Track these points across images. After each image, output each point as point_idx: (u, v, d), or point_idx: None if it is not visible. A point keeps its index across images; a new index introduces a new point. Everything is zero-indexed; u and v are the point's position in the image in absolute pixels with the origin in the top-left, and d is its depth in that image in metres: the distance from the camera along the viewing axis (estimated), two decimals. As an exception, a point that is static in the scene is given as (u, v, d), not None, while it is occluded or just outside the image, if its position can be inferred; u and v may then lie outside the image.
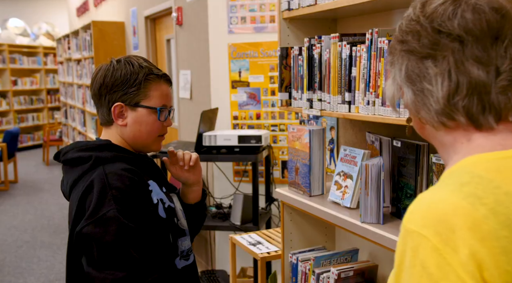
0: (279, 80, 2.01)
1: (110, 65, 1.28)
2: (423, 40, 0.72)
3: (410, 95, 0.75)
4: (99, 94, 1.29)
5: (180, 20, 3.89)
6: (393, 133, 1.80)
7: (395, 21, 1.81)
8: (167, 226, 1.29)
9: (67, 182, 1.30)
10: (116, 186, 1.18)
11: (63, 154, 1.32)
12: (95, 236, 1.16)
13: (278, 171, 3.36)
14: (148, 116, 1.28)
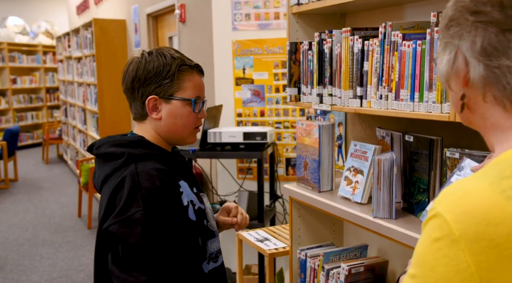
0: (288, 75, 2.00)
1: (141, 58, 1.25)
2: (507, 11, 0.67)
3: (481, 70, 0.70)
4: (132, 88, 1.26)
5: (183, 17, 3.88)
6: (403, 128, 1.80)
7: (405, 16, 1.80)
8: (197, 229, 1.26)
9: (99, 176, 1.28)
10: (146, 186, 1.16)
11: (96, 147, 1.29)
12: (120, 236, 1.14)
13: (282, 168, 3.36)
14: (183, 108, 1.26)
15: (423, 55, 1.38)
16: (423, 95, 1.39)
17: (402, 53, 1.45)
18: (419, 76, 1.40)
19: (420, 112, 1.40)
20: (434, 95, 1.35)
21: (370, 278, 1.83)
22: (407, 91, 1.44)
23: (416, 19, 1.69)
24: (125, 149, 1.23)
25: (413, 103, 1.43)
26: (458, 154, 1.42)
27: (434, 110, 1.35)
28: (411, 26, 1.51)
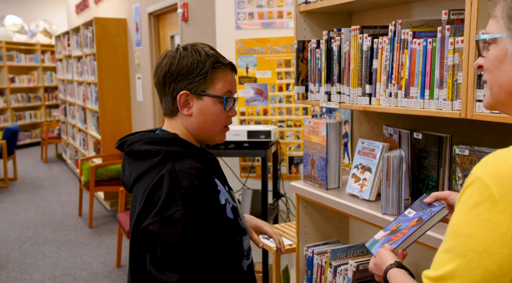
0: (295, 74, 2.01)
1: (176, 53, 1.24)
2: None
3: None
4: (164, 82, 1.24)
5: (186, 16, 3.89)
6: (409, 126, 1.81)
7: (412, 14, 1.81)
8: (234, 227, 1.25)
9: (131, 174, 1.26)
10: (185, 185, 1.14)
11: (128, 145, 1.27)
12: (160, 236, 1.12)
13: (285, 167, 3.37)
14: (214, 105, 1.24)
15: (434, 53, 1.39)
16: (434, 92, 1.40)
17: (412, 51, 1.46)
18: (429, 73, 1.41)
19: (431, 109, 1.42)
20: (445, 92, 1.36)
21: (377, 274, 1.84)
22: (417, 89, 1.45)
23: (423, 18, 1.70)
24: (161, 147, 1.21)
25: (423, 100, 1.44)
26: (468, 151, 1.44)
27: (445, 107, 1.37)
28: (420, 24, 1.52)
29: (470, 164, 1.43)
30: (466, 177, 1.44)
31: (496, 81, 0.78)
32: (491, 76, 0.79)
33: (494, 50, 0.76)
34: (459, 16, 1.35)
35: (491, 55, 0.77)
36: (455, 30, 1.33)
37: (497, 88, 0.78)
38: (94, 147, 6.32)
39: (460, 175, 1.46)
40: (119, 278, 3.78)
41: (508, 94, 0.77)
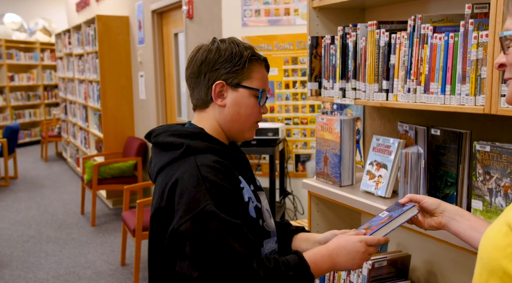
0: (308, 70, 1.99)
1: (213, 44, 1.23)
2: None
3: None
4: (198, 72, 1.22)
5: (191, 13, 3.86)
6: (425, 122, 1.79)
7: (427, 10, 1.80)
8: (256, 227, 1.21)
9: (155, 165, 1.24)
10: (210, 179, 1.11)
11: (154, 136, 1.26)
12: (193, 233, 1.08)
13: (292, 165, 3.35)
14: (249, 98, 1.22)
15: (456, 47, 1.37)
16: (455, 88, 1.39)
17: (433, 46, 1.44)
18: (451, 68, 1.39)
19: (452, 105, 1.40)
20: (468, 87, 1.34)
21: (392, 272, 1.83)
22: (438, 84, 1.44)
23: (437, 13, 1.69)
24: (184, 140, 1.19)
25: (444, 96, 1.42)
26: (489, 147, 1.42)
27: (467, 103, 1.35)
28: (440, 19, 1.50)
29: (491, 160, 1.41)
30: (487, 173, 1.43)
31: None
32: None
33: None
34: (483, 10, 1.33)
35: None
36: (479, 24, 1.32)
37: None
38: (96, 145, 6.30)
39: (481, 171, 1.44)
40: (123, 276, 3.76)
41: None
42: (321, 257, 1.15)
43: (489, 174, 1.43)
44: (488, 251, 0.76)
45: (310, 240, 1.37)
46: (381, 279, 1.82)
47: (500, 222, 0.77)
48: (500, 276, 0.73)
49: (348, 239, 1.19)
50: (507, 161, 1.37)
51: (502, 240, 0.73)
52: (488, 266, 0.76)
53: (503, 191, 1.39)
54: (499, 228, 0.75)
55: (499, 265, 0.73)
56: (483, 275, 0.77)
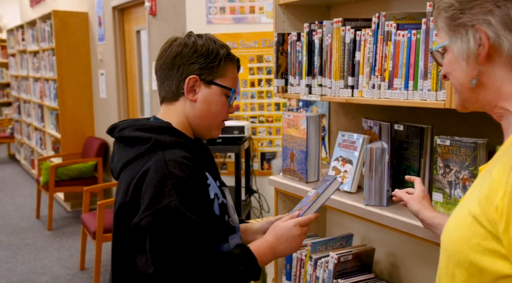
0: (275, 67, 2.00)
1: (189, 38, 1.22)
2: None
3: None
4: (172, 64, 1.21)
5: (154, 10, 3.81)
6: (389, 118, 1.84)
7: (390, 7, 1.84)
8: (220, 224, 1.22)
9: (118, 161, 1.22)
10: (177, 175, 1.10)
11: (118, 130, 1.23)
12: (153, 229, 1.08)
13: (258, 163, 3.36)
14: (220, 96, 1.23)
15: (418, 44, 1.42)
16: (418, 83, 1.43)
17: (396, 43, 1.48)
18: (413, 65, 1.44)
19: (415, 100, 1.44)
20: (429, 83, 1.39)
21: (357, 266, 1.87)
22: (401, 80, 1.48)
23: (402, 11, 1.73)
24: (151, 134, 1.17)
25: (407, 91, 1.46)
26: (449, 141, 1.47)
27: (429, 98, 1.40)
28: (403, 16, 1.55)
29: (450, 154, 1.47)
30: (447, 166, 1.48)
31: (457, 80, 0.87)
32: (452, 78, 0.88)
33: (447, 56, 0.88)
34: (443, 8, 1.38)
35: (446, 60, 0.88)
36: (440, 22, 1.36)
37: (460, 86, 0.87)
38: (53, 146, 6.10)
39: (441, 165, 1.50)
40: (83, 281, 3.65)
41: (470, 90, 0.86)
42: (263, 249, 1.21)
43: (448, 167, 1.48)
44: (453, 243, 0.78)
45: (249, 231, 1.41)
46: (346, 273, 1.85)
47: (463, 213, 0.79)
48: (467, 267, 0.75)
49: (283, 227, 1.24)
50: (465, 155, 1.42)
51: (467, 231, 0.75)
52: (454, 257, 0.77)
53: (462, 183, 1.44)
54: (463, 219, 0.77)
55: (465, 257, 0.75)
56: (449, 267, 0.79)
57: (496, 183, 0.72)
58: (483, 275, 0.73)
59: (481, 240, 0.73)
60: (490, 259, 0.72)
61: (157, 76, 1.26)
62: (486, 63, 0.82)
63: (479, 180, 0.83)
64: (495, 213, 0.71)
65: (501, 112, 0.84)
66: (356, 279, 1.81)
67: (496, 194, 0.71)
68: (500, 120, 0.86)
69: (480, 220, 0.74)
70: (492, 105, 0.85)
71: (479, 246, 0.73)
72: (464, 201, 0.83)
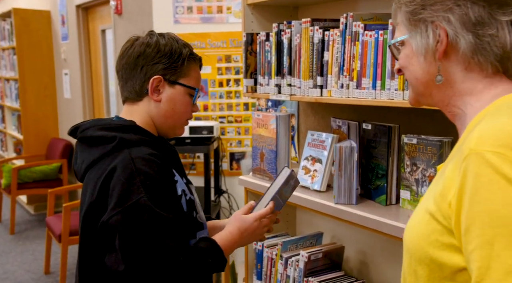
0: (244, 67, 2.00)
1: (151, 37, 1.22)
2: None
3: (470, 39, 0.80)
4: (135, 64, 1.20)
5: (119, 9, 3.74)
6: (357, 117, 1.86)
7: (357, 8, 1.87)
8: (188, 220, 1.23)
9: (83, 162, 1.20)
10: (145, 171, 1.10)
11: (81, 131, 1.22)
12: (125, 226, 1.07)
13: (227, 163, 3.35)
14: (184, 95, 1.23)
15: (385, 45, 1.44)
16: (385, 83, 1.45)
17: (364, 43, 1.50)
18: (381, 64, 1.46)
19: (383, 99, 1.46)
20: (397, 82, 1.41)
21: (327, 264, 1.88)
22: (369, 80, 1.50)
23: (368, 11, 1.76)
24: (116, 133, 1.17)
25: (375, 91, 1.49)
26: (416, 140, 1.50)
27: (396, 97, 1.42)
28: (370, 17, 1.57)
29: (417, 152, 1.50)
30: (414, 164, 1.52)
31: (412, 74, 0.88)
32: (407, 71, 0.89)
33: (404, 50, 0.89)
34: (409, 9, 1.40)
35: (402, 54, 0.89)
36: (406, 23, 1.39)
37: (415, 80, 0.88)
38: (15, 148, 5.90)
39: (409, 163, 1.53)
40: (48, 285, 3.56)
41: (425, 84, 0.87)
42: (228, 241, 1.24)
43: (415, 165, 1.51)
44: (413, 241, 0.80)
45: (217, 227, 1.42)
46: (317, 271, 1.86)
47: (421, 211, 0.81)
48: (428, 263, 0.77)
49: (245, 221, 1.28)
50: (431, 153, 1.46)
51: (425, 228, 0.77)
52: (415, 255, 0.79)
53: (428, 181, 1.47)
54: (421, 218, 0.80)
55: (426, 253, 0.77)
56: (411, 264, 0.81)
57: (448, 181, 0.74)
58: (442, 270, 0.75)
59: (438, 236, 0.75)
60: (448, 254, 0.74)
61: (119, 76, 1.26)
62: (443, 60, 0.83)
63: (435, 179, 0.85)
64: (449, 209, 0.73)
65: (454, 110, 0.86)
66: (326, 277, 1.83)
67: (449, 191, 0.73)
68: (454, 120, 0.87)
69: (436, 216, 0.76)
70: (445, 102, 0.86)
71: (437, 242, 0.75)
72: (423, 200, 0.85)
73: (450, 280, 0.75)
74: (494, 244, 0.66)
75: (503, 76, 0.82)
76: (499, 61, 0.80)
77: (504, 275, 0.64)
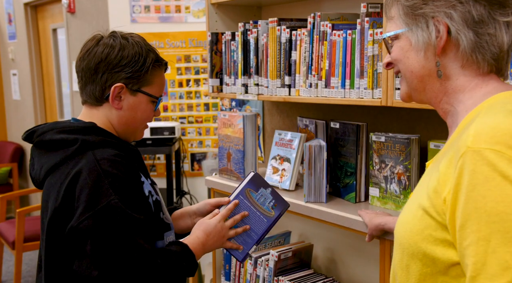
0: (209, 66, 1.97)
1: (114, 41, 1.15)
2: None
3: (471, 37, 0.81)
4: (95, 69, 1.14)
5: (72, 7, 3.61)
6: (322, 116, 1.88)
7: (321, 8, 1.89)
8: (156, 221, 1.20)
9: (41, 167, 1.14)
10: (112, 173, 1.07)
11: (38, 135, 1.16)
12: (96, 230, 1.04)
13: (188, 164, 3.30)
14: (147, 104, 1.19)
15: (354, 44, 1.46)
16: (354, 82, 1.47)
17: (332, 43, 1.52)
18: (350, 64, 1.48)
19: (352, 98, 1.48)
20: (366, 81, 1.44)
21: (297, 262, 1.89)
22: (338, 79, 1.52)
23: (332, 11, 1.78)
24: (77, 135, 1.12)
25: (344, 90, 1.51)
26: (384, 138, 1.53)
27: (366, 96, 1.44)
28: (337, 17, 1.59)
29: (386, 150, 1.53)
30: (382, 162, 1.55)
31: (407, 68, 0.88)
32: (402, 65, 0.89)
33: (399, 43, 0.88)
34: (376, 9, 1.43)
35: (398, 47, 0.89)
36: (373, 22, 1.42)
37: (409, 74, 0.88)
38: (-42, 153, 5.58)
39: (377, 160, 1.56)
40: (1, 296, 3.38)
41: (420, 78, 0.87)
42: (197, 245, 1.23)
43: (384, 163, 1.54)
44: (406, 236, 0.81)
45: (186, 215, 1.41)
46: (287, 270, 1.87)
47: (413, 207, 0.82)
48: (421, 258, 0.78)
49: (209, 224, 1.27)
50: (400, 150, 1.49)
51: (419, 223, 0.78)
52: (408, 250, 0.80)
53: (397, 177, 1.51)
54: (414, 213, 0.81)
55: (419, 248, 0.78)
56: (403, 260, 0.82)
57: (443, 177, 0.76)
58: (436, 265, 0.77)
59: (432, 231, 0.76)
60: (441, 249, 0.76)
61: (78, 77, 1.21)
62: (441, 55, 0.84)
63: (426, 175, 0.86)
64: (443, 205, 0.74)
65: (446, 107, 0.87)
66: (297, 276, 1.84)
67: (444, 187, 0.75)
68: (445, 117, 0.89)
69: (430, 212, 0.77)
70: (438, 98, 0.87)
71: (431, 237, 0.76)
72: (413, 196, 0.87)
73: (443, 274, 0.76)
74: (491, 240, 0.67)
75: (493, 75, 0.84)
76: (495, 60, 0.82)
77: (501, 271, 0.66)
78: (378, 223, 1.36)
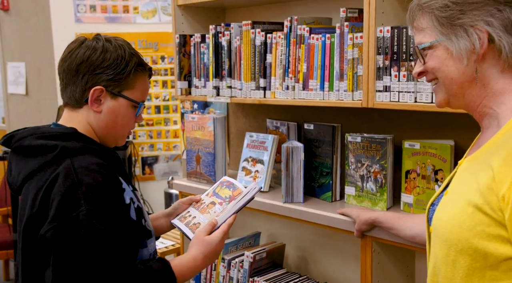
0: (177, 69, 1.94)
1: (97, 43, 1.12)
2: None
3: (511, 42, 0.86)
4: (76, 70, 1.11)
5: (6, 4, 3.37)
6: (290, 118, 1.92)
7: (285, 12, 1.92)
8: (138, 229, 1.16)
9: (19, 173, 1.10)
10: (87, 182, 1.03)
11: (17, 140, 1.11)
12: (60, 242, 1.00)
13: (139, 168, 3.21)
14: (127, 108, 1.16)
15: (332, 48, 1.51)
16: (333, 85, 1.52)
17: (310, 46, 1.56)
18: (328, 67, 1.53)
19: (331, 100, 1.53)
20: (346, 84, 1.49)
21: (270, 263, 1.91)
22: (317, 81, 1.56)
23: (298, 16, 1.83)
24: (57, 141, 1.08)
25: (323, 92, 1.55)
26: (360, 138, 1.60)
27: (346, 98, 1.50)
28: (312, 21, 1.63)
29: (362, 150, 1.59)
30: (359, 161, 1.61)
31: (446, 76, 0.92)
32: (441, 73, 0.93)
33: (434, 52, 0.92)
34: (354, 14, 1.49)
35: (434, 57, 0.92)
36: (352, 27, 1.47)
37: (449, 81, 0.92)
38: None
39: (353, 160, 1.62)
40: None
41: (460, 85, 0.92)
42: (190, 269, 1.19)
43: (360, 162, 1.61)
44: (454, 231, 0.84)
45: (160, 216, 1.41)
46: (261, 270, 1.88)
47: (460, 204, 0.85)
48: (470, 254, 0.82)
49: (211, 244, 1.22)
50: (376, 150, 1.56)
51: (470, 220, 0.82)
52: (457, 246, 0.84)
53: (373, 176, 1.58)
54: (462, 210, 0.84)
55: (469, 244, 0.82)
56: (450, 255, 0.85)
57: (499, 175, 0.80)
58: (487, 259, 0.81)
59: (485, 227, 0.80)
60: (494, 244, 0.80)
61: (60, 78, 1.19)
62: (480, 61, 0.89)
63: (468, 172, 0.90)
64: (501, 202, 0.79)
65: (484, 110, 0.91)
66: (271, 276, 1.85)
67: (502, 185, 0.79)
68: (482, 119, 0.93)
69: (484, 209, 0.81)
70: (477, 102, 0.92)
71: (483, 233, 0.81)
72: (454, 193, 0.90)
73: (493, 269, 0.80)
74: None
75: None
76: None
77: None
78: (368, 218, 1.41)
